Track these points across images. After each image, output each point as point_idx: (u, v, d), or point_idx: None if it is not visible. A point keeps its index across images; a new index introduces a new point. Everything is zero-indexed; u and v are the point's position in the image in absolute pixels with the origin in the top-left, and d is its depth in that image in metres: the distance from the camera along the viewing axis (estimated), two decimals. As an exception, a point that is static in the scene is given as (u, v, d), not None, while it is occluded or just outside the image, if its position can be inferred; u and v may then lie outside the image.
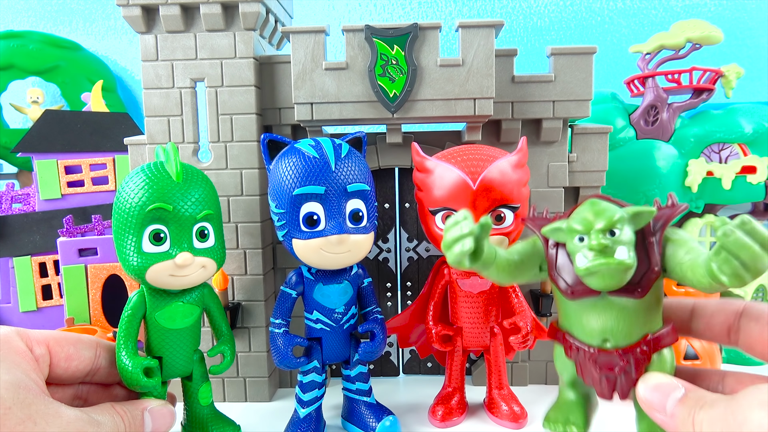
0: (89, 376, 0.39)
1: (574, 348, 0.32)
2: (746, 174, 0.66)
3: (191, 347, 0.45)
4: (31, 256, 0.75)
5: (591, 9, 0.93)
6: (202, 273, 0.43)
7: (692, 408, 0.26)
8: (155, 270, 0.40)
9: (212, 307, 0.47)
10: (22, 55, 0.90)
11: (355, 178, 0.45)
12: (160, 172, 0.41)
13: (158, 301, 0.43)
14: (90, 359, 0.38)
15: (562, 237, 0.32)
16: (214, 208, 0.43)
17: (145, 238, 0.40)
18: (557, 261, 0.32)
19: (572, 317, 0.33)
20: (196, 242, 0.42)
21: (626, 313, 0.30)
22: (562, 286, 0.32)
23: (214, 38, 0.55)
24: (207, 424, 0.47)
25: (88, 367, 0.38)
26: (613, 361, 0.31)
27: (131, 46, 1.00)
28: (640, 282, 0.30)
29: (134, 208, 0.39)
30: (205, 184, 0.43)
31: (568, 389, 0.35)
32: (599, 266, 0.28)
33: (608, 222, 0.29)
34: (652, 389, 0.29)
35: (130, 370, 0.40)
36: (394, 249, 0.62)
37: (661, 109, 0.68)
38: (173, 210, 0.40)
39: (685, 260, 0.29)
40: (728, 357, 0.63)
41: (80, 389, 0.39)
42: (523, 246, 0.34)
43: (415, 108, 0.53)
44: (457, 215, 0.31)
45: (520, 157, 0.48)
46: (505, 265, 0.33)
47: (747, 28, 0.90)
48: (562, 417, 0.35)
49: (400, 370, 0.65)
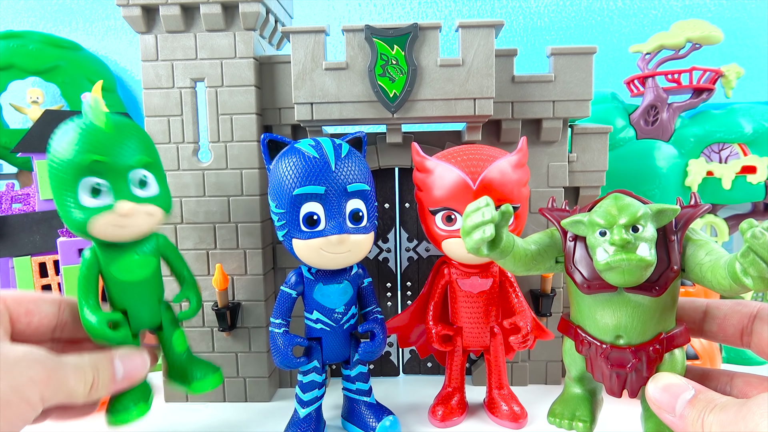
0: (57, 332, 0.39)
1: (586, 343, 0.32)
2: (746, 174, 0.66)
3: (154, 298, 0.44)
4: (31, 256, 0.75)
5: (591, 9, 0.93)
6: (150, 220, 0.41)
7: (702, 410, 0.26)
8: (98, 223, 0.39)
9: (170, 256, 0.46)
10: (22, 55, 0.90)
11: (355, 178, 0.45)
12: (88, 125, 0.39)
13: (111, 255, 0.42)
14: (53, 314, 0.38)
15: (583, 230, 0.31)
16: (151, 156, 0.42)
17: (82, 193, 0.39)
18: (575, 254, 0.32)
19: (586, 312, 0.32)
20: (137, 191, 0.41)
21: (641, 310, 0.30)
22: (579, 280, 0.31)
23: (214, 38, 0.55)
24: (186, 369, 0.46)
25: (53, 322, 0.38)
26: (626, 358, 0.31)
27: (131, 46, 1.00)
28: (658, 280, 0.29)
29: (66, 163, 0.38)
30: (136, 131, 0.42)
31: (575, 384, 0.35)
32: (620, 261, 0.28)
33: (632, 218, 0.29)
34: (662, 389, 0.29)
35: (94, 324, 0.39)
36: (394, 249, 0.62)
37: (661, 109, 0.68)
38: (106, 160, 0.39)
39: (706, 261, 0.29)
40: (728, 357, 0.63)
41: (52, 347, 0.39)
42: (541, 237, 0.34)
43: (415, 108, 0.53)
44: (479, 201, 0.31)
45: (520, 157, 0.48)
46: (522, 255, 0.32)
47: (747, 28, 0.90)
48: (569, 412, 0.35)
49: (400, 370, 0.65)
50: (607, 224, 0.29)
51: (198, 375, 0.46)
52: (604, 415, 0.37)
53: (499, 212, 0.30)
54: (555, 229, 0.34)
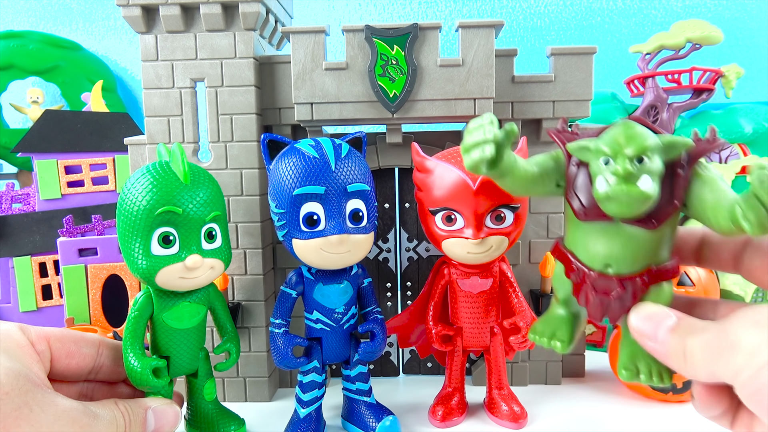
0: (93, 374, 0.39)
1: (576, 268, 0.32)
2: (746, 174, 0.66)
3: (197, 346, 0.45)
4: (31, 256, 0.75)
5: (591, 9, 0.93)
6: (211, 274, 0.42)
7: (683, 335, 0.26)
8: (165, 273, 0.40)
9: (217, 306, 0.47)
10: (22, 55, 0.90)
11: (355, 178, 0.45)
12: (167, 173, 0.40)
13: (165, 301, 0.42)
14: (92, 357, 0.38)
15: (588, 156, 0.30)
16: (221, 209, 0.43)
17: (153, 241, 0.39)
18: (576, 180, 0.31)
19: (578, 238, 0.32)
20: (204, 243, 0.41)
21: (635, 242, 0.29)
22: (576, 207, 0.31)
23: (214, 38, 0.55)
24: (212, 419, 0.47)
25: (91, 365, 0.38)
26: (611, 287, 0.30)
27: (131, 46, 1.00)
28: (656, 214, 0.28)
29: (142, 210, 0.39)
30: (211, 184, 0.42)
31: (560, 306, 0.35)
32: (619, 193, 0.27)
33: (639, 148, 0.28)
34: (643, 318, 0.29)
35: (138, 371, 0.40)
36: (394, 249, 0.62)
37: (661, 109, 0.68)
38: (182, 212, 0.39)
39: (709, 198, 0.27)
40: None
41: (85, 387, 0.40)
42: (544, 158, 0.33)
43: (415, 108, 0.53)
44: (482, 117, 0.29)
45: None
46: (522, 175, 0.32)
47: (747, 28, 0.90)
48: (549, 331, 0.35)
49: (400, 370, 0.65)
50: (613, 153, 0.28)
51: (223, 427, 0.47)
52: (611, 416, 0.37)
53: (503, 131, 0.29)
54: (560, 152, 0.32)
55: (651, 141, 0.28)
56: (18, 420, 0.29)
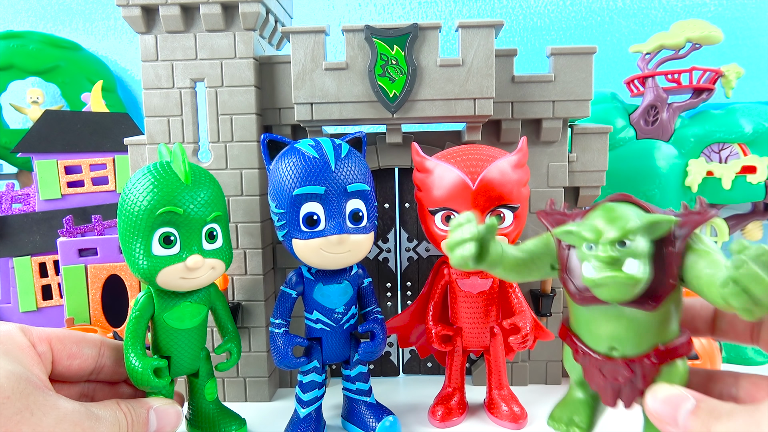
0: (94, 374, 0.39)
1: (581, 352, 0.31)
2: (746, 174, 0.66)
3: (198, 346, 0.45)
4: (31, 256, 0.75)
5: (591, 9, 0.93)
6: (212, 274, 0.42)
7: (707, 420, 0.25)
8: (166, 273, 0.40)
9: (218, 306, 0.47)
10: (22, 55, 0.90)
11: (355, 178, 0.45)
12: (168, 173, 0.40)
13: (166, 301, 0.42)
14: (93, 357, 0.38)
15: (573, 241, 0.30)
16: (222, 209, 0.43)
17: (154, 241, 0.39)
18: (568, 263, 0.30)
19: (581, 321, 0.31)
20: (205, 244, 0.41)
21: (636, 323, 0.29)
22: (572, 290, 0.30)
23: (214, 38, 0.55)
24: (213, 419, 0.47)
25: (92, 366, 0.38)
26: (618, 371, 0.30)
27: (131, 46, 1.00)
28: (653, 294, 0.28)
29: (143, 211, 0.39)
30: (212, 184, 0.42)
31: (577, 388, 0.34)
32: (605, 279, 0.27)
33: (620, 232, 0.27)
34: (661, 402, 0.28)
35: (140, 371, 0.40)
36: (394, 249, 0.62)
37: (661, 109, 0.68)
38: (183, 213, 0.39)
39: (704, 274, 0.27)
40: (728, 357, 0.63)
41: (86, 387, 0.39)
42: (535, 243, 0.33)
43: (415, 108, 0.53)
44: (460, 217, 0.30)
45: (520, 157, 0.48)
46: (513, 264, 0.31)
47: (747, 28, 0.90)
48: (567, 416, 0.34)
49: (400, 370, 0.65)
50: (594, 239, 0.28)
51: (224, 427, 0.47)
52: (609, 417, 0.36)
53: (484, 227, 0.29)
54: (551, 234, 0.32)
55: (632, 223, 0.27)
56: (19, 424, 0.29)
